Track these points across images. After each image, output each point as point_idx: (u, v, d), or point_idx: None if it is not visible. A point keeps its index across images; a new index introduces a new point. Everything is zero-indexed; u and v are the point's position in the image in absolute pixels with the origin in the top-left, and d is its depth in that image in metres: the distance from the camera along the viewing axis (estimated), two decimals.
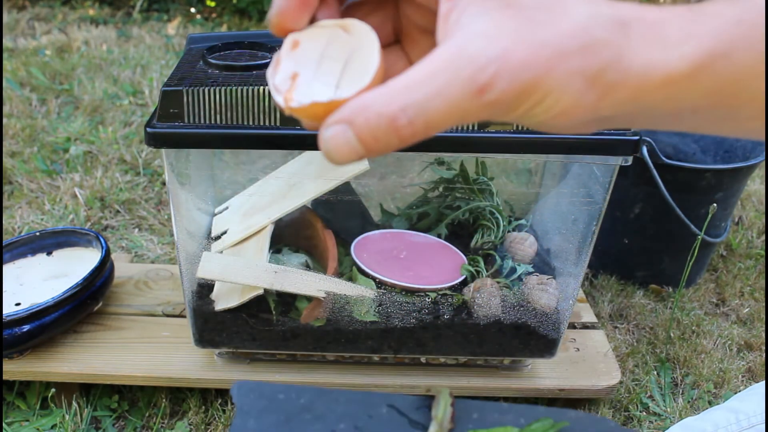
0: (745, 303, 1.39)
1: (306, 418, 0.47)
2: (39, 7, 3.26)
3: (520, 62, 0.29)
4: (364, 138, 0.30)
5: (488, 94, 0.29)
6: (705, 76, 0.30)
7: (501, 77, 0.29)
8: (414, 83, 0.29)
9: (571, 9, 0.30)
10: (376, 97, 0.30)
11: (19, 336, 0.96)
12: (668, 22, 0.31)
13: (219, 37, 0.93)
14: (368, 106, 0.30)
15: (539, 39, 0.29)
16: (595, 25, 0.30)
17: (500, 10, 0.30)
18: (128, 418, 1.04)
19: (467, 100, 0.29)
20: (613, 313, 1.34)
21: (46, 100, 2.11)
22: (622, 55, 0.30)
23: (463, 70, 0.29)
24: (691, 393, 1.15)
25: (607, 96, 0.30)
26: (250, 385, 0.51)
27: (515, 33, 0.29)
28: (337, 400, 0.48)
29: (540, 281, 1.00)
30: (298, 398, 0.48)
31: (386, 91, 0.30)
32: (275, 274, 0.94)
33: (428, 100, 0.29)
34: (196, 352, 1.03)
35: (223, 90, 0.77)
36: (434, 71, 0.29)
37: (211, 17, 3.30)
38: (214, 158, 1.09)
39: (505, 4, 0.30)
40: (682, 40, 0.30)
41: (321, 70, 0.33)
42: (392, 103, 0.29)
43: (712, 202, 1.19)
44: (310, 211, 1.07)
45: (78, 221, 1.52)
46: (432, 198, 1.12)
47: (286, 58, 0.33)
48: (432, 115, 0.29)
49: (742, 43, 0.30)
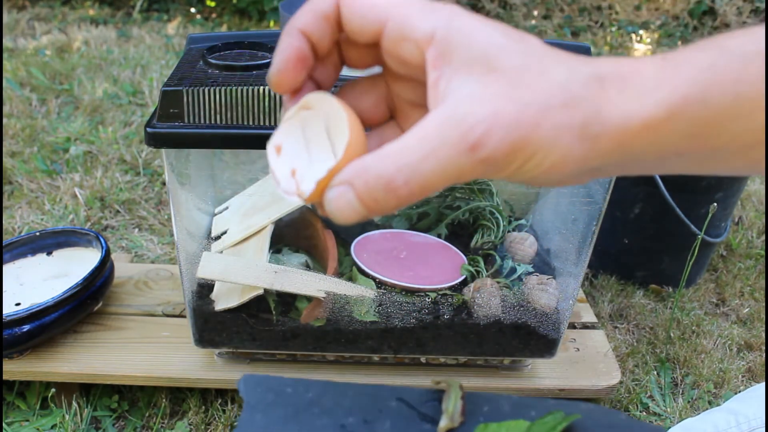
0: (745, 303, 1.39)
1: (314, 411, 0.46)
2: (39, 7, 3.26)
3: (509, 120, 0.31)
4: (364, 199, 0.32)
5: (480, 151, 0.31)
6: (682, 121, 0.32)
7: (492, 135, 0.30)
8: (408, 146, 0.31)
9: (551, 69, 0.32)
10: (374, 160, 0.31)
11: (19, 336, 0.96)
12: (642, 71, 0.32)
13: (219, 37, 0.93)
14: (367, 169, 0.31)
15: (525, 98, 0.31)
16: (573, 81, 0.32)
17: (486, 75, 0.32)
18: (128, 418, 1.04)
19: (460, 158, 0.31)
20: (613, 313, 1.34)
21: (46, 100, 2.11)
22: (601, 107, 0.32)
23: (454, 131, 0.31)
24: (691, 393, 1.15)
25: (593, 148, 0.32)
26: (258, 378, 0.51)
27: (502, 94, 0.31)
28: (345, 393, 0.47)
29: (540, 281, 1.00)
30: (306, 392, 0.47)
31: (383, 155, 0.31)
32: (275, 274, 0.94)
33: (422, 162, 0.31)
34: (196, 352, 1.03)
35: (223, 90, 0.77)
36: (426, 134, 0.31)
37: (211, 17, 3.30)
38: (214, 158, 1.09)
39: (490, 68, 0.32)
40: (656, 87, 0.32)
41: (312, 154, 0.35)
42: (389, 165, 0.31)
43: (712, 202, 1.19)
44: (310, 211, 1.07)
45: (78, 221, 1.52)
46: (432, 198, 1.12)
47: (277, 165, 0.35)
48: (427, 175, 0.31)
49: (716, 87, 0.31)
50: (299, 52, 0.36)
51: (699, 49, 0.33)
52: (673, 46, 3.15)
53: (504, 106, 0.31)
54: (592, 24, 3.39)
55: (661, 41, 3.24)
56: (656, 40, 3.25)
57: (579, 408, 0.44)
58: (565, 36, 3.26)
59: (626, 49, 3.12)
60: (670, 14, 3.43)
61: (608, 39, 3.23)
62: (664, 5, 3.47)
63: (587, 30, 3.33)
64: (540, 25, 3.35)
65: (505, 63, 0.32)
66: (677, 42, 3.23)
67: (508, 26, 0.35)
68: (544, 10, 3.46)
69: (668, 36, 3.30)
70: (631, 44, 3.19)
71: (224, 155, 1.09)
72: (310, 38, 0.36)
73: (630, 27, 3.32)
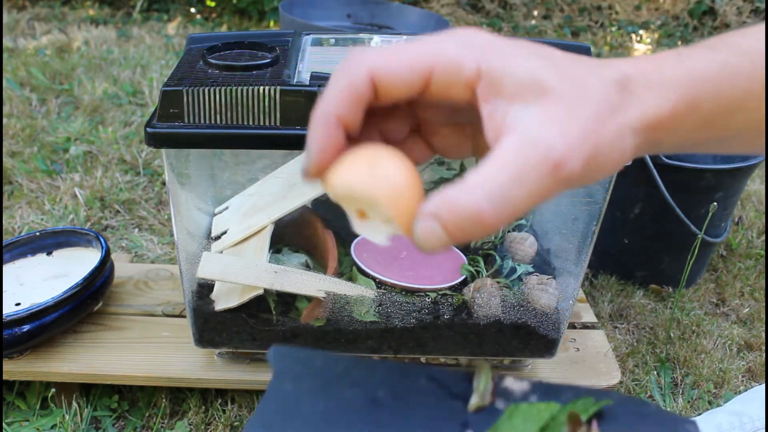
0: (745, 303, 1.39)
1: (344, 384, 0.46)
2: (39, 7, 3.26)
3: (578, 136, 0.33)
4: (451, 230, 0.33)
5: (563, 169, 0.32)
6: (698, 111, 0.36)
7: (569, 152, 0.32)
8: (491, 176, 0.32)
9: (587, 81, 0.35)
10: (459, 193, 0.32)
11: (19, 336, 0.96)
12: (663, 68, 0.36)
13: (219, 37, 0.93)
14: (452, 201, 0.32)
15: (583, 114, 0.33)
16: (608, 87, 0.35)
17: (540, 100, 0.33)
18: (128, 418, 1.04)
19: (545, 179, 0.32)
20: (613, 313, 1.34)
21: (46, 100, 2.11)
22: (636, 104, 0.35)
23: (534, 155, 0.32)
24: (691, 393, 1.15)
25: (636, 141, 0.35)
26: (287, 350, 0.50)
27: (562, 114, 0.33)
28: (375, 369, 0.47)
29: (540, 281, 1.00)
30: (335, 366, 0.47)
31: (467, 187, 0.32)
32: (275, 274, 0.94)
33: (509, 189, 0.32)
34: (196, 352, 1.03)
35: (223, 90, 0.77)
36: (506, 162, 0.32)
37: (211, 17, 3.30)
38: (214, 158, 1.09)
39: (541, 92, 0.34)
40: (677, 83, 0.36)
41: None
42: (477, 196, 0.32)
43: (712, 202, 1.19)
44: (310, 211, 1.07)
45: (78, 221, 1.52)
46: None
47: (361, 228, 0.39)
48: (515, 200, 0.32)
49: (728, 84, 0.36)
50: (336, 142, 0.36)
51: (712, 48, 0.37)
52: (673, 46, 3.15)
53: (569, 125, 0.33)
54: (592, 24, 3.39)
55: (661, 41, 3.24)
56: (656, 40, 3.25)
57: (610, 396, 0.44)
58: (565, 36, 3.26)
59: (626, 49, 3.12)
60: (670, 14, 3.43)
61: (608, 39, 3.22)
62: (664, 5, 3.47)
63: (587, 30, 3.33)
64: (540, 25, 3.35)
65: (551, 84, 0.34)
66: (677, 42, 3.23)
67: (529, 42, 0.36)
68: (544, 10, 3.46)
69: (668, 36, 3.30)
70: (631, 44, 3.19)
71: (224, 155, 1.09)
72: (345, 123, 0.35)
73: (630, 27, 3.32)
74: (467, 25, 3.28)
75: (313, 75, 0.80)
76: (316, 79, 0.80)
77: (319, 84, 0.78)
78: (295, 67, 0.85)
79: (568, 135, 0.32)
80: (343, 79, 0.35)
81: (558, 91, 0.33)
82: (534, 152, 0.32)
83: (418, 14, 2.44)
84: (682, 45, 3.13)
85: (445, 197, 0.33)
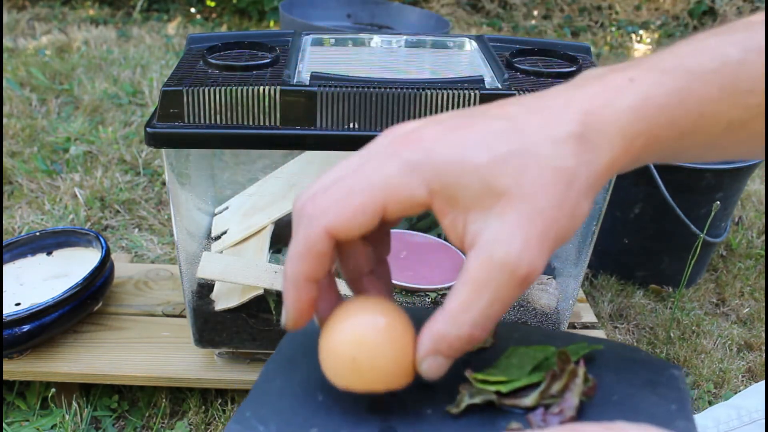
0: (745, 303, 1.39)
1: None
2: (39, 7, 3.26)
3: (541, 235, 0.34)
4: (450, 356, 0.37)
5: (530, 279, 0.35)
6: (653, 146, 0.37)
7: (535, 260, 0.34)
8: (469, 301, 0.35)
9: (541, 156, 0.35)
10: (445, 324, 0.36)
11: (19, 336, 0.96)
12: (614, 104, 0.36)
13: (219, 37, 0.93)
14: (443, 334, 0.36)
15: (540, 211, 0.34)
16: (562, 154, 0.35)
17: (496, 205, 0.35)
18: (128, 418, 1.04)
19: (517, 291, 0.35)
20: (613, 313, 1.34)
21: (46, 100, 2.11)
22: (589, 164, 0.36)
23: (503, 274, 0.34)
24: (691, 393, 1.15)
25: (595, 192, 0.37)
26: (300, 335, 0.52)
27: (522, 218, 0.34)
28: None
29: (540, 281, 1.00)
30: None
31: (450, 316, 0.35)
32: (275, 274, 0.94)
33: (489, 308, 0.35)
34: (196, 352, 1.03)
35: (223, 90, 0.77)
36: (479, 284, 0.35)
37: (211, 17, 3.30)
38: (214, 158, 1.09)
39: (495, 197, 0.34)
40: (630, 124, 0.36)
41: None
42: (462, 324, 0.35)
43: (712, 202, 1.19)
44: None
45: (78, 221, 1.52)
46: None
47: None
48: (494, 315, 0.35)
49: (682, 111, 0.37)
50: (310, 299, 0.38)
51: (664, 70, 0.37)
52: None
53: (529, 230, 0.34)
54: (592, 24, 3.39)
55: (661, 41, 3.24)
56: (656, 40, 3.25)
57: (603, 342, 0.47)
58: (565, 36, 3.26)
59: (626, 49, 3.12)
60: (670, 14, 3.44)
61: (608, 39, 3.23)
62: (664, 5, 3.47)
63: (587, 30, 3.33)
64: (540, 25, 3.35)
65: (503, 186, 0.34)
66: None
67: (470, 114, 0.37)
68: (544, 10, 3.46)
69: (668, 36, 3.31)
70: (631, 44, 3.19)
71: (224, 155, 1.09)
72: (314, 278, 0.37)
73: (630, 27, 3.32)
74: (467, 25, 3.28)
75: (313, 75, 0.80)
76: (316, 79, 0.80)
77: (319, 84, 0.78)
78: (295, 67, 0.85)
79: (529, 243, 0.34)
80: (303, 242, 0.37)
81: (512, 193, 0.34)
82: (503, 273, 0.34)
83: (418, 14, 2.44)
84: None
85: (437, 333, 0.36)
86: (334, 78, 0.80)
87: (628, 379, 0.44)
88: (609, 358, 0.46)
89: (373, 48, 1.00)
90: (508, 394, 0.41)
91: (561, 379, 0.41)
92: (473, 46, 0.98)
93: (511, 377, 0.42)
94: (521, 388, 0.41)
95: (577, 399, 0.40)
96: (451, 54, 0.98)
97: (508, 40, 0.98)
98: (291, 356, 0.47)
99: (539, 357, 0.44)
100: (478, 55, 0.95)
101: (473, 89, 0.79)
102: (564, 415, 0.39)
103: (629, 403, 0.42)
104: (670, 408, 0.41)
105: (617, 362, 0.46)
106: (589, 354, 0.45)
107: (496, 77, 0.84)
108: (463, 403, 0.41)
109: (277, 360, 0.46)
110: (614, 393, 0.43)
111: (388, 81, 0.80)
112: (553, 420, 0.39)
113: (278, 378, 0.44)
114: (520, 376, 0.42)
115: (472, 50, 0.98)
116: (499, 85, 0.82)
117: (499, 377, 0.42)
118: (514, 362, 0.44)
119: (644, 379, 0.44)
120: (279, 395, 0.43)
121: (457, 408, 0.41)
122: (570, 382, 0.40)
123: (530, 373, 0.42)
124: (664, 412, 0.41)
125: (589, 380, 0.41)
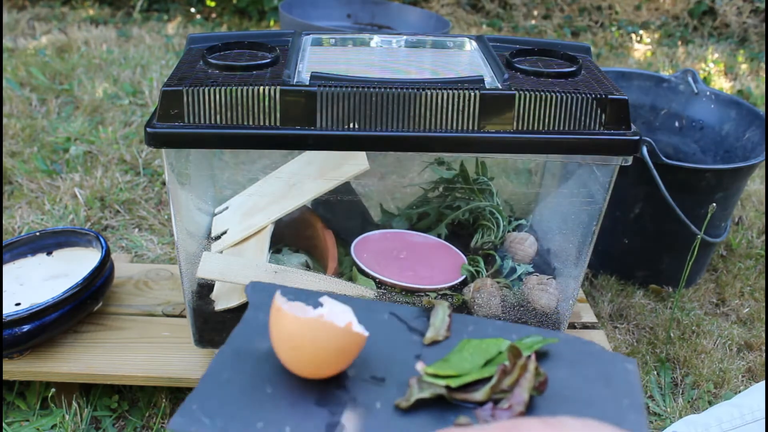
0: (745, 303, 1.39)
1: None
2: (39, 7, 3.26)
3: None
4: None
5: None
6: None
7: None
8: None
9: None
10: None
11: (19, 336, 0.96)
12: None
13: (219, 37, 0.93)
14: None
15: None
16: None
17: None
18: (128, 418, 1.04)
19: None
20: (613, 313, 1.34)
21: (46, 100, 2.11)
22: None
23: None
24: (691, 393, 1.15)
25: None
26: (263, 285, 0.54)
27: None
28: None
29: (540, 281, 1.00)
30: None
31: None
32: (275, 274, 0.94)
33: None
34: (196, 352, 1.03)
35: (223, 90, 0.77)
36: None
37: (211, 17, 3.30)
38: (214, 158, 1.09)
39: None
40: None
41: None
42: None
43: (712, 202, 1.19)
44: (310, 211, 1.07)
45: (78, 221, 1.52)
46: (432, 198, 1.12)
47: None
48: None
49: None
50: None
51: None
52: (672, 47, 3.16)
53: None
54: (592, 24, 3.39)
55: (661, 41, 3.24)
56: (656, 40, 3.25)
57: (557, 335, 0.47)
58: (565, 36, 3.26)
59: (626, 49, 3.12)
60: (670, 14, 3.44)
61: (608, 39, 3.22)
62: (664, 5, 3.47)
63: (587, 30, 3.33)
64: (540, 25, 3.35)
65: None
66: (677, 42, 3.23)
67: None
68: (544, 10, 3.46)
69: (668, 36, 3.30)
70: (631, 44, 3.19)
71: (224, 155, 1.09)
72: None
73: (630, 27, 3.32)
74: (467, 25, 3.28)
75: (313, 75, 0.80)
76: (316, 79, 0.80)
77: (319, 84, 0.78)
78: (295, 67, 0.85)
79: None
80: None
81: None
82: None
83: (418, 14, 2.44)
84: (682, 45, 3.13)
85: None
86: (334, 78, 0.80)
87: (582, 373, 0.44)
88: (564, 351, 0.46)
89: (373, 48, 1.00)
90: (459, 389, 0.41)
91: (512, 374, 0.40)
92: (473, 46, 0.98)
93: (462, 371, 0.41)
94: (473, 382, 0.41)
95: (527, 394, 0.40)
96: (451, 54, 0.98)
97: (508, 40, 0.98)
98: (240, 348, 0.47)
99: (492, 351, 0.44)
100: (478, 55, 0.95)
101: (473, 89, 0.79)
102: (513, 411, 0.39)
103: (581, 397, 0.42)
104: (622, 402, 0.42)
105: (572, 356, 0.46)
106: (544, 348, 0.45)
107: (496, 77, 0.84)
108: (413, 397, 0.40)
109: (226, 352, 0.46)
110: (567, 387, 0.43)
111: (388, 81, 0.80)
112: (502, 415, 0.39)
113: (227, 370, 0.44)
114: (471, 371, 0.42)
115: (472, 50, 0.98)
116: (499, 85, 0.82)
117: (450, 371, 0.42)
118: (467, 356, 0.44)
119: (598, 372, 0.44)
120: (227, 388, 0.43)
121: (406, 402, 0.40)
122: (521, 376, 0.40)
123: (483, 367, 0.42)
124: (615, 407, 0.41)
125: (541, 374, 0.41)
